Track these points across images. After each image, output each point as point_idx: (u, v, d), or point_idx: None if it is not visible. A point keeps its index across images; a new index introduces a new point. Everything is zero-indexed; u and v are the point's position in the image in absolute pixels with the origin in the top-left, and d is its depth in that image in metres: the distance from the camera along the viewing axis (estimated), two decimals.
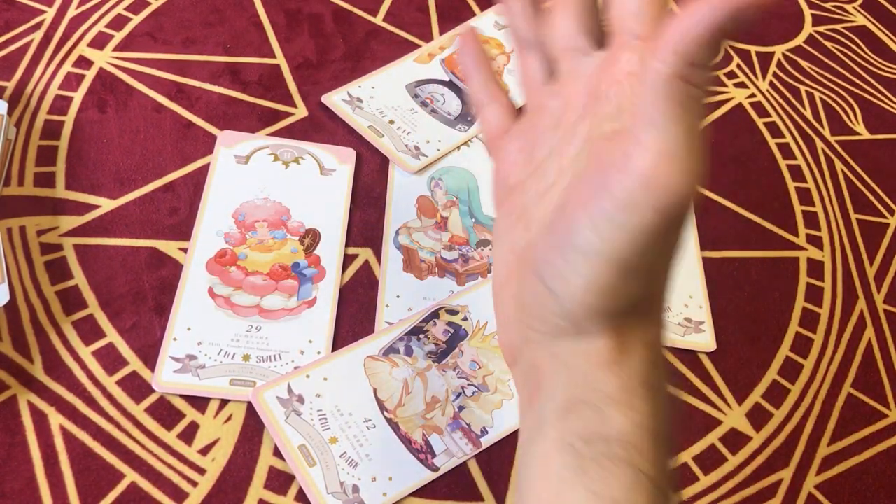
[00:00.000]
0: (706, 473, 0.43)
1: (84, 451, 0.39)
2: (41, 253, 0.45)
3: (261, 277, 0.46)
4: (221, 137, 0.52)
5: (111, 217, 0.47)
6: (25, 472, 0.38)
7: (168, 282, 0.45)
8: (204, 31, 0.58)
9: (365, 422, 0.41)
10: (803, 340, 0.49)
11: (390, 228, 0.50)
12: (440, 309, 0.46)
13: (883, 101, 0.65)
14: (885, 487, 0.44)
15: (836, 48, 0.68)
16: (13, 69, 0.53)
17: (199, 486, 0.39)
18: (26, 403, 0.40)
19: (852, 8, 0.73)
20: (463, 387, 0.43)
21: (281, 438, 0.40)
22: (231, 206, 0.49)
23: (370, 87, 0.57)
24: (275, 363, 0.43)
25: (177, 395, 0.41)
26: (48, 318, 0.43)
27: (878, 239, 0.56)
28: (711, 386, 0.46)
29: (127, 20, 0.58)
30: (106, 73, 0.54)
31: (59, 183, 0.48)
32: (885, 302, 0.52)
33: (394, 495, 0.39)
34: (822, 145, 0.60)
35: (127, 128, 0.52)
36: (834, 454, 0.45)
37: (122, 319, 0.44)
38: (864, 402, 0.47)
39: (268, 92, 0.55)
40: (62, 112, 0.52)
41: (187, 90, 0.54)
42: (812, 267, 0.53)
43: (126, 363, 0.42)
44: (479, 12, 0.64)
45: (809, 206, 0.56)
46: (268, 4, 0.61)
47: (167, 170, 0.50)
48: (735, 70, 0.64)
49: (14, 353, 0.42)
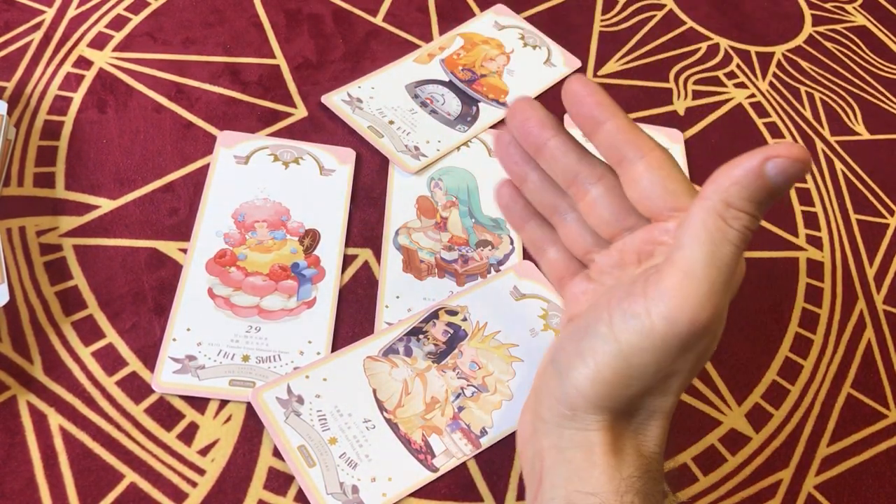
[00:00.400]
0: (706, 474, 0.43)
1: (84, 452, 0.39)
2: (41, 253, 0.45)
3: (260, 278, 0.46)
4: (221, 138, 0.52)
5: (111, 217, 0.47)
6: (25, 473, 0.38)
7: (168, 282, 0.45)
8: (204, 31, 0.58)
9: (364, 422, 0.41)
10: (803, 341, 0.49)
11: (390, 229, 0.50)
12: (440, 309, 0.46)
13: (883, 101, 0.65)
14: (884, 488, 0.44)
15: (836, 48, 0.68)
16: (13, 69, 0.53)
17: (198, 486, 0.39)
18: (26, 404, 0.40)
19: (852, 8, 0.73)
20: (462, 387, 0.43)
21: (280, 439, 0.40)
22: (231, 206, 0.49)
23: (370, 87, 0.57)
24: (274, 364, 0.43)
25: (176, 396, 0.41)
26: (48, 319, 0.43)
27: (878, 239, 0.55)
28: (711, 386, 0.46)
29: (127, 20, 0.58)
30: (106, 74, 0.54)
31: (59, 183, 0.48)
32: (885, 302, 0.52)
33: (393, 496, 0.39)
34: (822, 145, 0.60)
35: (127, 128, 0.52)
36: (834, 455, 0.45)
37: (122, 320, 0.44)
38: (863, 402, 0.47)
39: (268, 92, 0.55)
40: (62, 112, 0.52)
41: (187, 90, 0.54)
42: (812, 267, 0.53)
43: (126, 364, 0.42)
44: (478, 12, 0.64)
45: (809, 207, 0.56)
46: (268, 4, 0.61)
47: (167, 170, 0.50)
48: (735, 70, 0.64)
49: (14, 353, 0.42)
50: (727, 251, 0.27)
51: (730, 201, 0.26)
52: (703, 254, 0.27)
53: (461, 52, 0.60)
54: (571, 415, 0.30)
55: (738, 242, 0.27)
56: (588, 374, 0.29)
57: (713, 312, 0.27)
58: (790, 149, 0.26)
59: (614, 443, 0.30)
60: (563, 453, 0.30)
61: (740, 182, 0.26)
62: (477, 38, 0.62)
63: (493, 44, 0.61)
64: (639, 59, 0.63)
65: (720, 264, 0.27)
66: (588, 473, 0.29)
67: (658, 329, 0.27)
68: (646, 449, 0.30)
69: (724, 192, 0.26)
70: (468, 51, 0.60)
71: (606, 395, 0.29)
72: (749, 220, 0.27)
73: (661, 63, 0.63)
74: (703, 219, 0.27)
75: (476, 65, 0.60)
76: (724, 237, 0.27)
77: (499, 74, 0.59)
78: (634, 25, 0.66)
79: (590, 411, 0.29)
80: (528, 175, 0.35)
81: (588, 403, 0.29)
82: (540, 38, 0.63)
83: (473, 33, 0.62)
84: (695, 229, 0.27)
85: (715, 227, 0.27)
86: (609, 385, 0.29)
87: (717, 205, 0.27)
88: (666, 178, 0.30)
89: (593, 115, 0.31)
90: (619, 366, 0.28)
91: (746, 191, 0.26)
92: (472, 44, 0.61)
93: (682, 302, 0.27)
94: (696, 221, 0.27)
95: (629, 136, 0.31)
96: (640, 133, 0.31)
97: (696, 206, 0.27)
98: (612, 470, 0.29)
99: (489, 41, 0.62)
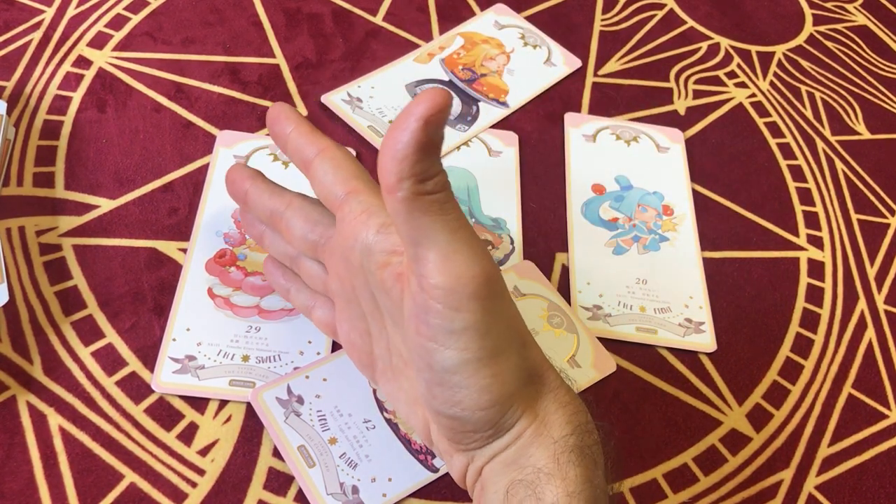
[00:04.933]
0: (706, 474, 0.43)
1: (83, 452, 0.39)
2: (40, 253, 0.45)
3: (260, 278, 0.46)
4: (221, 137, 0.52)
5: (110, 217, 0.47)
6: (25, 473, 0.38)
7: (167, 282, 0.45)
8: (203, 30, 0.58)
9: (364, 422, 0.41)
10: (803, 341, 0.49)
11: None
12: None
13: (883, 101, 0.64)
14: (885, 488, 0.44)
15: (836, 48, 0.68)
16: (12, 69, 0.53)
17: (198, 486, 0.39)
18: (25, 404, 0.40)
19: (853, 8, 0.73)
20: None
21: (280, 439, 0.40)
22: (231, 206, 0.49)
23: (370, 87, 0.57)
24: (274, 364, 0.43)
25: (176, 396, 0.41)
26: (47, 319, 0.43)
27: (879, 239, 0.55)
28: (711, 386, 0.46)
29: (126, 20, 0.58)
30: (105, 73, 0.54)
31: (59, 183, 0.48)
32: (886, 302, 0.52)
33: (393, 496, 0.39)
34: (822, 145, 0.60)
35: (126, 128, 0.52)
36: (834, 455, 0.45)
37: (122, 320, 0.43)
38: (864, 402, 0.47)
39: (267, 92, 0.55)
40: (61, 112, 0.52)
41: (187, 90, 0.54)
42: (812, 267, 0.53)
43: (125, 364, 0.42)
44: (478, 12, 0.64)
45: (810, 207, 0.56)
46: (267, 4, 0.61)
47: (166, 170, 0.50)
48: (735, 70, 0.64)
49: (13, 353, 0.42)
50: (451, 210, 0.28)
51: (421, 177, 0.27)
52: (440, 232, 0.27)
53: (461, 52, 0.60)
54: (495, 429, 0.30)
55: (449, 197, 0.28)
56: (474, 391, 0.29)
57: (485, 255, 0.28)
58: (434, 100, 0.26)
59: (536, 415, 0.30)
60: (498, 456, 0.31)
61: (418, 157, 0.26)
62: (477, 38, 0.62)
63: (494, 43, 0.61)
64: (639, 59, 0.63)
65: (456, 225, 0.28)
66: (524, 455, 0.30)
67: (475, 309, 0.28)
68: (562, 397, 0.31)
69: (410, 175, 0.27)
70: (468, 50, 0.60)
71: (501, 385, 0.29)
72: (442, 174, 0.27)
73: (662, 63, 0.63)
74: (411, 208, 0.27)
75: (476, 64, 0.60)
76: (441, 204, 0.27)
77: (499, 74, 0.59)
78: (635, 25, 0.66)
79: (504, 410, 0.30)
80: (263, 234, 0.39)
81: (497, 408, 0.30)
82: (540, 38, 0.63)
83: (473, 33, 0.62)
84: (414, 221, 0.27)
85: (428, 205, 0.27)
86: (495, 378, 0.29)
87: (414, 188, 0.27)
88: (337, 168, 0.33)
89: (282, 126, 0.35)
90: (485, 360, 0.29)
91: (425, 161, 0.27)
92: (472, 43, 0.61)
93: (468, 275, 0.28)
94: (409, 214, 0.27)
95: (309, 137, 0.34)
96: (319, 134, 0.34)
97: (395, 201, 0.27)
98: (543, 439, 0.30)
99: (489, 41, 0.61)
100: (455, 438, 0.31)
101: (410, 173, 0.26)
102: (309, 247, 0.36)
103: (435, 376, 0.29)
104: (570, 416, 0.31)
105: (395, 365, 0.34)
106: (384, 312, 0.33)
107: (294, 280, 0.39)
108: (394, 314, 0.31)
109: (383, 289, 0.31)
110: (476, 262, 0.28)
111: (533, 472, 0.29)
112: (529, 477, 0.29)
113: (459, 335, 0.28)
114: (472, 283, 0.28)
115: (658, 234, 0.52)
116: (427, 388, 0.30)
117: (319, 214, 0.36)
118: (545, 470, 0.29)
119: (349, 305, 0.35)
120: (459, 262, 0.28)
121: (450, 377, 0.29)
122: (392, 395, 0.35)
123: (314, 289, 0.38)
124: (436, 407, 0.30)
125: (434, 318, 0.28)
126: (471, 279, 0.28)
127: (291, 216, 0.36)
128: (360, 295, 0.34)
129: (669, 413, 0.45)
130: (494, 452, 0.31)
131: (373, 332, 0.34)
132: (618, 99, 0.60)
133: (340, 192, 0.32)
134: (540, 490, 0.29)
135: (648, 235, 0.52)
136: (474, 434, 0.30)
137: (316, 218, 0.35)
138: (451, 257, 0.27)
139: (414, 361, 0.31)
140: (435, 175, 0.27)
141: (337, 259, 0.34)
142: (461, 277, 0.27)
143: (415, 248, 0.28)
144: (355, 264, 0.32)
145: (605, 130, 0.57)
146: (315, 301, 0.38)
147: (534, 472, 0.29)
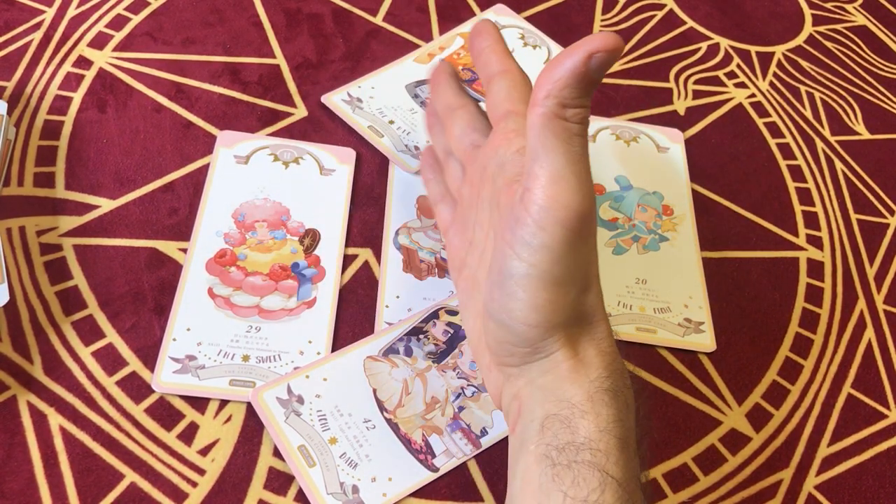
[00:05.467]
0: (706, 474, 0.43)
1: (84, 452, 0.39)
2: (41, 253, 0.45)
3: (260, 278, 0.46)
4: (221, 137, 0.52)
5: (111, 217, 0.47)
6: (25, 473, 0.38)
7: (168, 282, 0.45)
8: (203, 31, 0.58)
9: (365, 422, 0.41)
10: (803, 341, 0.49)
11: (390, 229, 0.50)
12: (440, 309, 0.46)
13: (883, 101, 0.65)
14: (885, 488, 0.44)
15: (836, 48, 0.68)
16: (13, 69, 0.53)
17: (198, 486, 0.39)
18: (26, 404, 0.40)
19: (852, 8, 0.73)
20: (463, 387, 0.43)
21: (280, 439, 0.40)
22: (231, 206, 0.49)
23: (370, 87, 0.57)
24: (274, 364, 0.43)
25: (176, 396, 0.41)
26: (48, 319, 0.43)
27: (879, 239, 0.55)
28: (711, 386, 0.46)
29: (127, 20, 0.58)
30: (106, 73, 0.54)
31: (59, 183, 0.48)
32: (886, 302, 0.52)
33: (394, 496, 0.39)
34: (822, 145, 0.60)
35: (127, 128, 0.52)
36: (834, 455, 0.45)
37: (122, 320, 0.44)
38: (864, 402, 0.47)
39: (267, 92, 0.55)
40: (62, 112, 0.52)
41: (187, 90, 0.54)
42: (812, 267, 0.53)
43: (126, 363, 0.42)
44: (478, 12, 0.64)
45: (809, 207, 0.56)
46: (267, 4, 0.61)
47: (167, 170, 0.50)
48: (735, 70, 0.64)
49: (14, 353, 0.42)
50: (577, 144, 0.30)
51: (565, 102, 0.29)
52: (560, 155, 0.29)
53: (461, 52, 0.60)
54: (533, 350, 0.32)
55: (582, 133, 0.30)
56: (527, 305, 0.31)
57: (589, 195, 0.30)
58: (606, 40, 0.28)
59: (576, 354, 0.32)
60: (535, 383, 0.32)
61: (570, 83, 0.29)
62: None
63: None
64: (639, 59, 0.63)
65: (577, 158, 0.30)
66: (560, 388, 0.31)
67: (557, 235, 0.30)
68: (605, 346, 0.33)
69: (557, 96, 0.29)
70: (468, 50, 0.60)
71: (552, 312, 0.31)
72: (585, 111, 0.29)
73: (662, 63, 0.63)
74: (546, 125, 0.29)
75: None
76: (571, 134, 0.29)
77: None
78: (634, 25, 0.66)
79: (546, 336, 0.31)
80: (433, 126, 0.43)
81: (541, 330, 0.31)
82: (540, 38, 0.63)
83: None
84: (543, 137, 0.29)
85: (561, 129, 0.29)
86: (549, 302, 0.31)
87: (555, 109, 0.29)
88: (511, 88, 0.35)
89: (481, 39, 0.37)
90: (547, 282, 0.30)
91: (577, 89, 0.29)
92: None
93: (565, 203, 0.29)
94: (542, 129, 0.29)
95: (499, 56, 0.36)
96: (509, 57, 0.36)
97: (534, 114, 0.30)
98: (580, 377, 0.31)
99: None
100: (497, 350, 0.33)
101: (557, 94, 0.29)
102: (461, 148, 0.39)
103: (499, 279, 0.31)
104: (607, 364, 0.32)
105: (478, 277, 0.36)
106: (492, 226, 0.35)
107: (438, 173, 0.43)
108: (499, 230, 0.33)
109: (499, 204, 0.33)
110: (578, 195, 0.29)
111: (568, 407, 0.31)
112: (564, 412, 0.31)
113: (534, 251, 0.30)
114: (565, 211, 0.29)
115: (658, 234, 0.52)
116: (489, 290, 0.33)
117: (482, 124, 0.38)
118: (580, 407, 0.31)
119: (468, 211, 0.38)
120: (563, 189, 0.29)
121: (511, 284, 0.31)
122: (464, 303, 0.38)
123: (450, 187, 0.41)
124: (491, 309, 0.33)
125: (521, 228, 0.30)
126: (565, 207, 0.29)
127: (460, 115, 0.39)
128: (480, 204, 0.36)
129: (669, 413, 0.45)
130: (531, 378, 0.32)
131: (475, 240, 0.37)
132: (617, 99, 0.60)
133: (505, 108, 0.35)
134: (574, 424, 0.30)
135: (648, 235, 0.52)
136: (513, 348, 0.32)
137: (477, 126, 0.38)
138: (559, 182, 0.29)
139: (490, 264, 0.33)
140: (578, 107, 0.29)
141: (476, 166, 0.37)
142: (558, 201, 0.29)
143: (532, 163, 0.30)
144: (488, 174, 0.35)
145: (604, 130, 0.57)
146: (444, 198, 0.42)
147: (569, 406, 0.31)
